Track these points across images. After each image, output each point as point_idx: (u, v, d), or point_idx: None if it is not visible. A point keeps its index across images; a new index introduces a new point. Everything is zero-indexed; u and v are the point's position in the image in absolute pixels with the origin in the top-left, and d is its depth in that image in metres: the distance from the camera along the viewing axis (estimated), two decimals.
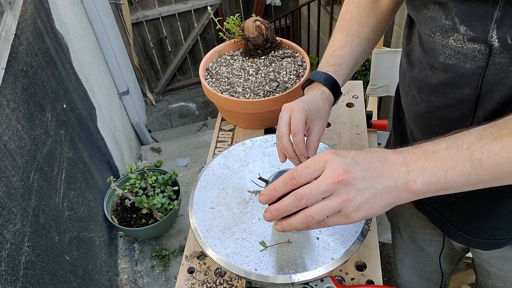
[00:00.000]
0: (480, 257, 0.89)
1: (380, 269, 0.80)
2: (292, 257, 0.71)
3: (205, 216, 0.77)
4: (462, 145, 0.48)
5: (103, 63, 2.48)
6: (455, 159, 0.47)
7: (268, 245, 0.72)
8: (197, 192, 0.81)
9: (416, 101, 0.71)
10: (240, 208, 0.78)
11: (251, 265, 0.69)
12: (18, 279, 0.99)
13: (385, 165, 0.50)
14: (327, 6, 3.53)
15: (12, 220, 1.03)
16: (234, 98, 1.05)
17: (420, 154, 0.50)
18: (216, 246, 0.71)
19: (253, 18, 1.14)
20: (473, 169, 0.47)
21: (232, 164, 0.87)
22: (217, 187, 0.82)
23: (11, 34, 1.25)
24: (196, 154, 2.68)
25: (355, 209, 0.49)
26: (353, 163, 0.50)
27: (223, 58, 1.20)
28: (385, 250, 1.97)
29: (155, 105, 4.33)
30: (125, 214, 1.99)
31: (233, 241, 0.72)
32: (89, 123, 1.89)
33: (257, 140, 0.92)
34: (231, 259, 0.69)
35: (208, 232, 0.74)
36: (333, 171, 0.49)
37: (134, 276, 1.94)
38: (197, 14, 4.40)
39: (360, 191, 0.49)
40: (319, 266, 0.68)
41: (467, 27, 0.56)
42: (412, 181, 0.49)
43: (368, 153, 0.52)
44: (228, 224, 0.75)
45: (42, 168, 1.28)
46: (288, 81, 1.09)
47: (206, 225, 0.75)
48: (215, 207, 0.78)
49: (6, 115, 1.11)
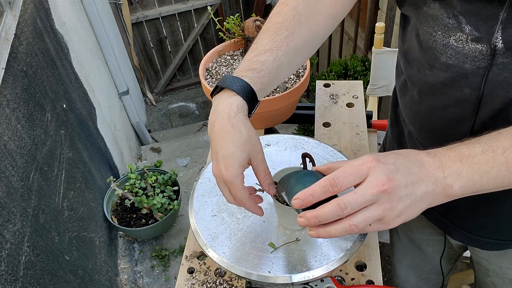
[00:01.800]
0: (479, 255, 0.89)
1: (380, 269, 0.80)
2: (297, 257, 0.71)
3: (209, 225, 0.75)
4: (497, 149, 0.48)
5: (103, 63, 2.48)
6: (491, 163, 0.48)
7: (277, 246, 0.72)
8: (196, 201, 0.79)
9: (415, 101, 0.71)
10: (243, 212, 0.77)
11: (264, 268, 0.68)
12: (18, 279, 0.99)
13: (423, 170, 0.50)
14: None
15: (12, 220, 1.03)
16: None
17: (456, 158, 0.49)
18: (225, 254, 0.70)
19: (253, 18, 1.14)
20: (508, 173, 0.48)
21: None
22: (216, 194, 0.81)
23: (11, 34, 1.25)
24: (196, 154, 2.68)
25: (396, 216, 0.49)
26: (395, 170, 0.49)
27: (223, 58, 1.20)
28: (385, 250, 1.97)
29: (155, 105, 4.33)
30: (125, 214, 1.99)
31: (242, 246, 0.72)
32: (89, 123, 1.89)
33: None
34: (242, 265, 0.69)
35: (215, 241, 0.72)
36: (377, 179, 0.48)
37: (134, 276, 1.94)
38: (197, 14, 4.40)
39: (402, 199, 0.48)
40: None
41: (472, 27, 0.55)
42: (449, 186, 0.49)
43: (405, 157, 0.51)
44: (233, 230, 0.74)
45: (42, 168, 1.27)
46: (288, 81, 1.09)
47: (210, 233, 0.74)
48: (217, 214, 0.77)
49: (6, 115, 1.11)
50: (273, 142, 0.92)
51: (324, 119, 1.14)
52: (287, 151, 0.90)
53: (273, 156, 0.89)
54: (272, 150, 0.91)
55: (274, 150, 0.90)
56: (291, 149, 0.91)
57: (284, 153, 0.90)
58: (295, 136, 0.94)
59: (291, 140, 0.93)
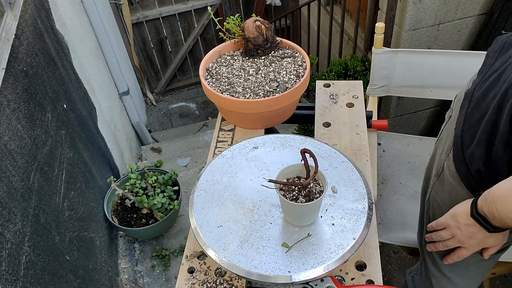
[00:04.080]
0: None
1: (380, 269, 0.80)
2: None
3: (217, 236, 0.74)
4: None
5: (103, 63, 2.48)
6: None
7: (291, 245, 0.72)
8: (198, 215, 0.78)
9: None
10: (248, 218, 0.77)
11: (283, 269, 0.69)
12: (18, 279, 0.99)
13: None
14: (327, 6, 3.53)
15: (13, 220, 1.03)
16: (234, 98, 1.05)
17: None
18: (241, 262, 0.70)
19: (253, 18, 1.14)
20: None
21: (221, 178, 0.85)
22: (216, 205, 0.80)
23: (12, 35, 1.25)
24: (196, 154, 2.68)
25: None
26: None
27: (223, 58, 1.20)
28: (385, 250, 1.97)
29: (155, 105, 4.33)
30: (125, 214, 1.99)
31: (255, 251, 0.72)
32: (89, 123, 1.89)
33: (235, 149, 0.91)
34: (259, 269, 0.69)
35: (226, 251, 0.72)
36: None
37: (135, 276, 1.94)
38: (197, 14, 4.40)
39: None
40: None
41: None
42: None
43: None
44: (243, 237, 0.74)
45: (43, 168, 1.28)
46: (288, 81, 1.09)
47: (221, 244, 0.73)
48: (222, 224, 0.76)
49: (7, 115, 1.11)
50: (260, 144, 0.92)
51: (324, 119, 1.14)
52: (276, 151, 0.91)
53: (264, 157, 0.89)
54: (261, 152, 0.90)
55: (263, 152, 0.90)
56: (280, 148, 0.91)
57: (274, 153, 0.90)
58: (280, 135, 0.94)
59: (277, 139, 0.93)
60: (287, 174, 0.75)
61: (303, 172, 0.74)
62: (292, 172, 0.75)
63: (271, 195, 0.81)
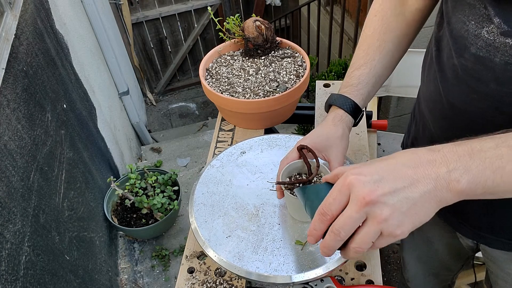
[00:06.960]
0: (490, 257, 0.87)
1: (380, 269, 0.80)
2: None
3: (228, 247, 0.73)
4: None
5: (103, 63, 2.48)
6: (505, 159, 0.44)
7: (305, 242, 0.72)
8: (203, 230, 0.77)
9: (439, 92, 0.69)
10: (255, 223, 0.76)
11: (301, 268, 0.68)
12: (18, 279, 0.99)
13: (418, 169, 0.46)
14: (327, 6, 3.53)
15: (12, 220, 1.03)
16: (234, 98, 1.05)
17: (464, 152, 0.46)
18: (260, 268, 0.69)
19: (253, 18, 1.14)
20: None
21: (216, 188, 0.84)
22: (218, 216, 0.79)
23: (11, 34, 1.25)
24: (196, 154, 2.68)
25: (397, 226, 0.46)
26: (378, 179, 0.46)
27: (223, 58, 1.20)
28: (385, 250, 1.97)
29: (155, 105, 4.33)
30: (125, 214, 1.99)
31: (271, 254, 0.71)
32: (89, 123, 1.89)
33: (222, 157, 0.90)
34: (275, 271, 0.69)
35: (242, 261, 0.71)
36: (358, 194, 0.46)
37: (134, 276, 1.94)
38: (197, 14, 4.41)
39: (395, 206, 0.45)
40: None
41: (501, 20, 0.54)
42: (455, 180, 0.45)
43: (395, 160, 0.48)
44: (255, 242, 0.73)
45: (42, 168, 1.28)
46: (288, 81, 1.09)
47: (235, 254, 0.72)
48: (230, 234, 0.75)
49: (6, 115, 1.11)
50: (246, 148, 0.91)
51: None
52: (264, 152, 0.90)
53: (254, 161, 0.88)
54: (250, 155, 0.90)
55: (252, 155, 0.90)
56: (267, 150, 0.91)
57: (263, 155, 0.90)
58: (264, 137, 0.94)
59: (263, 141, 0.93)
60: (288, 173, 0.75)
61: (303, 169, 0.74)
62: (293, 170, 0.75)
63: (272, 196, 0.81)
